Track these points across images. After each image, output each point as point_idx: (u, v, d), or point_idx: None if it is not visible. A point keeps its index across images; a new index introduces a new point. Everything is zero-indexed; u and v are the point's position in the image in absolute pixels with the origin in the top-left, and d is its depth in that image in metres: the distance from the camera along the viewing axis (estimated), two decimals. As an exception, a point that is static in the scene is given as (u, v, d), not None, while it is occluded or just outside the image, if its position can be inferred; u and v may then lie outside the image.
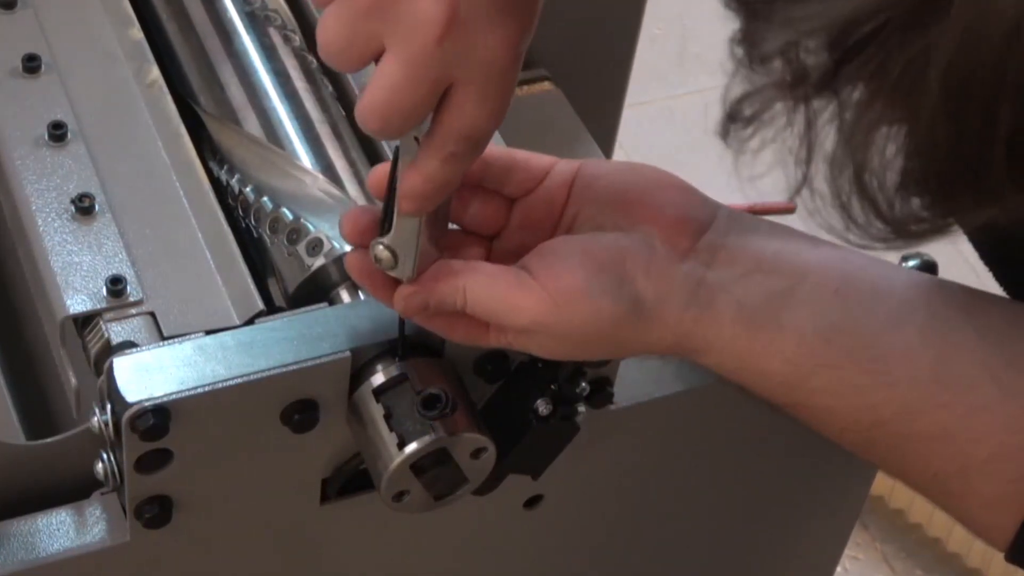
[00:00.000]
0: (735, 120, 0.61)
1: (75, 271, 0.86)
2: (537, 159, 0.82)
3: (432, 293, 0.78)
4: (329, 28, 0.70)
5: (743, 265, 0.79)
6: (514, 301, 0.77)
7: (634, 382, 0.92)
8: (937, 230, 0.60)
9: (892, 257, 0.74)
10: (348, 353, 0.80)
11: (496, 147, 0.82)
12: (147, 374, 0.78)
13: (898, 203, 0.59)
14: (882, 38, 0.55)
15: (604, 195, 0.81)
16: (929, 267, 0.92)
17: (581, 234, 0.81)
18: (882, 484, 1.79)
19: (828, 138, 0.59)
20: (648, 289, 0.78)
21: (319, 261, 0.88)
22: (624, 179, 0.82)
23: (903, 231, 0.60)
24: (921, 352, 0.78)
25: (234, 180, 0.93)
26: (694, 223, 0.80)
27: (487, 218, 0.83)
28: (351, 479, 0.86)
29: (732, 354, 0.80)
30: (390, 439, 0.79)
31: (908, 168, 0.58)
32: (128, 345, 0.83)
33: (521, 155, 0.82)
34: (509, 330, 0.79)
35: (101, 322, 0.85)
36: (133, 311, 0.85)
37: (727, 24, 0.64)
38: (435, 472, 0.80)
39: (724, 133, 0.62)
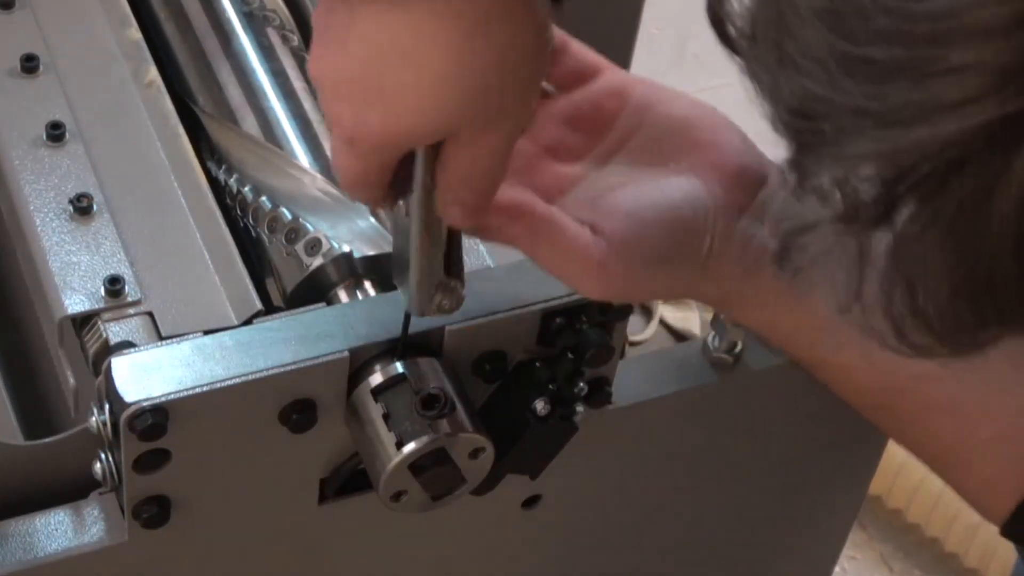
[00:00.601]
0: (789, 254, 0.61)
1: (73, 271, 0.86)
2: (590, 56, 0.81)
3: (510, 230, 0.76)
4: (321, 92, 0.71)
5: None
6: (588, 273, 0.76)
7: (632, 382, 0.92)
8: (989, 341, 0.60)
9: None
10: (346, 353, 0.80)
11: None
12: (145, 374, 0.78)
13: (951, 322, 0.58)
14: (938, 176, 0.54)
15: (664, 125, 0.81)
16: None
17: (648, 183, 0.79)
18: (880, 484, 1.79)
19: (879, 257, 0.58)
20: (712, 248, 0.79)
21: (317, 261, 0.88)
22: (687, 114, 0.81)
23: (957, 346, 0.60)
24: None
25: (232, 180, 0.93)
26: (753, 177, 0.80)
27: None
28: (349, 479, 0.86)
29: (769, 309, 0.81)
30: (388, 439, 0.79)
31: (962, 290, 0.57)
32: (126, 345, 0.83)
33: (575, 44, 0.81)
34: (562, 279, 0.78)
35: (99, 322, 0.85)
36: (131, 311, 0.85)
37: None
38: (433, 472, 0.80)
39: (779, 263, 0.62)
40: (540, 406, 0.82)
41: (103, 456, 0.81)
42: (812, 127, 0.56)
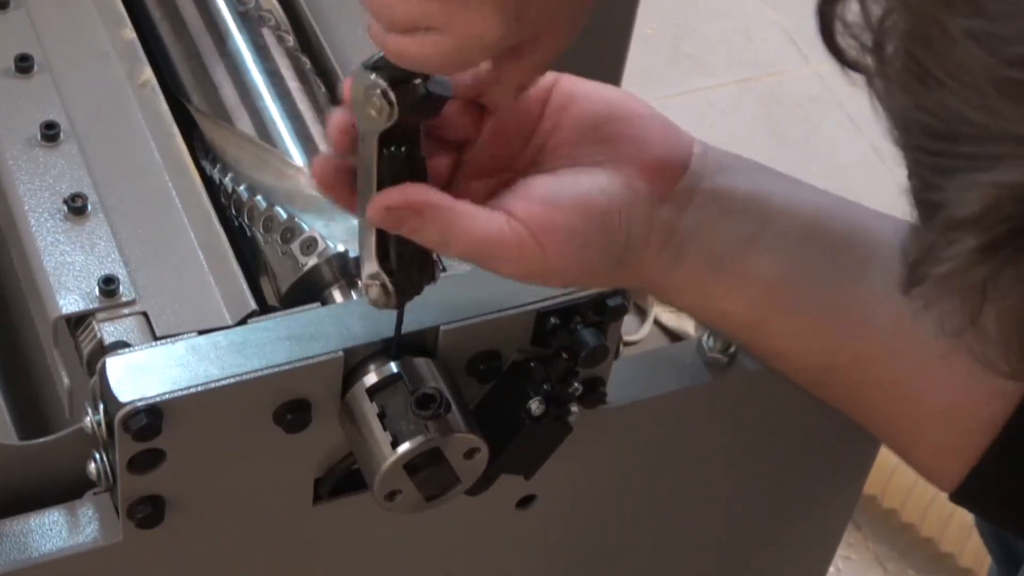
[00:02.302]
0: (921, 283, 0.58)
1: (68, 271, 0.86)
2: None
3: (412, 223, 0.74)
4: None
5: (715, 209, 0.79)
6: (504, 254, 0.75)
7: (627, 382, 0.92)
8: None
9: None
10: (341, 353, 0.80)
11: None
12: (140, 374, 0.78)
13: None
14: None
15: (582, 122, 0.79)
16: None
17: (565, 174, 0.78)
18: (875, 484, 1.79)
19: (1005, 287, 0.55)
20: (631, 238, 0.78)
21: (312, 260, 0.88)
22: (604, 109, 0.80)
23: None
24: (883, 301, 0.78)
25: (227, 179, 0.93)
26: (673, 166, 0.79)
27: (462, 126, 0.79)
28: (343, 479, 0.86)
29: (696, 295, 0.80)
30: (383, 438, 0.79)
31: None
32: (121, 345, 0.83)
33: None
34: (483, 267, 0.77)
35: (94, 322, 0.85)
36: (126, 311, 0.85)
37: (720, 24, 0.63)
38: (428, 472, 0.80)
39: (907, 291, 0.59)
40: (535, 406, 0.83)
41: (98, 456, 0.81)
42: (955, 150, 0.53)
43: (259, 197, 0.91)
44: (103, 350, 0.83)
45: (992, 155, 0.52)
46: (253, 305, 0.86)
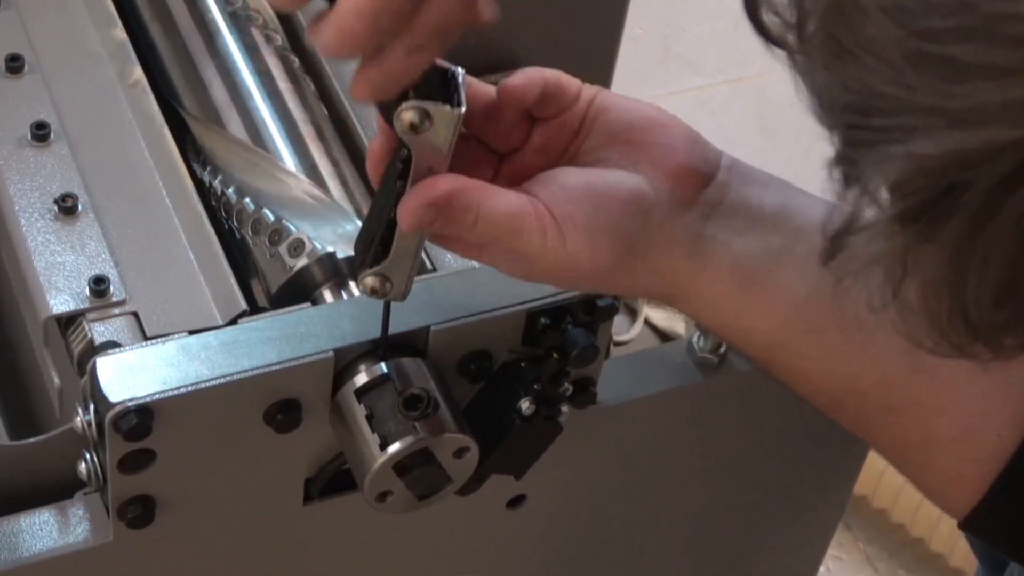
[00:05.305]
0: (837, 255, 0.60)
1: (58, 271, 0.86)
2: (572, 82, 0.81)
3: (445, 208, 0.74)
4: None
5: (742, 220, 0.79)
6: (530, 227, 0.75)
7: (617, 382, 0.92)
8: None
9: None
10: (331, 353, 0.80)
11: (544, 70, 0.80)
12: (130, 374, 0.78)
13: (997, 323, 0.57)
14: (1008, 177, 0.52)
15: (611, 128, 0.80)
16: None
17: (585, 168, 0.79)
18: (865, 484, 1.79)
19: (923, 257, 0.57)
20: (647, 234, 0.78)
21: (301, 262, 0.88)
22: (633, 116, 0.80)
23: (999, 348, 0.59)
24: None
25: (217, 181, 0.93)
26: (698, 175, 0.79)
27: (512, 137, 0.80)
28: (334, 479, 0.86)
29: (719, 309, 0.80)
30: (372, 440, 0.79)
31: (1015, 292, 0.56)
32: (111, 345, 0.83)
33: (564, 78, 0.80)
34: (502, 252, 0.77)
35: (84, 322, 0.84)
36: (116, 311, 0.85)
37: (710, 24, 0.63)
38: (418, 472, 0.80)
39: (826, 261, 0.60)
40: (525, 406, 0.83)
41: (88, 456, 0.81)
42: (869, 124, 0.54)
43: (248, 200, 0.91)
44: (93, 350, 0.83)
45: (905, 127, 0.54)
46: (243, 305, 0.86)
